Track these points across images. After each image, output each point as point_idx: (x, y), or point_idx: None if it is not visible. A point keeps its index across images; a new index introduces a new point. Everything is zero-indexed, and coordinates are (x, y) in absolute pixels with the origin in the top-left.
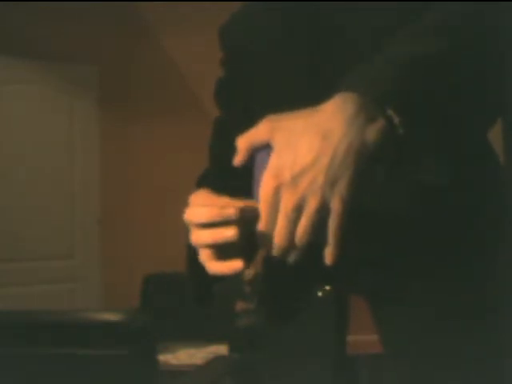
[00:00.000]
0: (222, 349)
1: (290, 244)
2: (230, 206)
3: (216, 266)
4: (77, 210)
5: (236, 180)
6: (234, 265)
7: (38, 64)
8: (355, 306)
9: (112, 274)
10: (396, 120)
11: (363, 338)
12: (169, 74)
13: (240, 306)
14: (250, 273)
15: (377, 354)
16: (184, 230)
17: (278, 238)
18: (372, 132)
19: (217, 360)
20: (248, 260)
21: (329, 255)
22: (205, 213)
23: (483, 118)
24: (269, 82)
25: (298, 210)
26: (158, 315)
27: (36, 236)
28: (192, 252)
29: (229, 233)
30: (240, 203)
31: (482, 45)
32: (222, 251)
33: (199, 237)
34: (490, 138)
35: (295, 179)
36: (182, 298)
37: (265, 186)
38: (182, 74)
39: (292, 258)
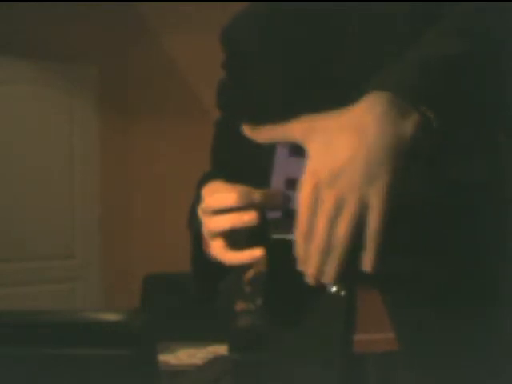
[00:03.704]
0: (221, 349)
1: (330, 246)
2: (253, 192)
3: (233, 256)
4: (77, 210)
5: (239, 182)
6: (254, 253)
7: (38, 64)
8: (362, 304)
9: (112, 274)
10: (430, 114)
11: (371, 337)
12: (169, 74)
13: (240, 305)
14: (250, 272)
15: (386, 352)
16: (185, 229)
17: (318, 238)
18: (407, 127)
19: (217, 360)
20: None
21: (368, 261)
22: (231, 197)
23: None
24: (271, 85)
25: (338, 209)
26: (157, 315)
27: (36, 236)
28: (197, 248)
29: (248, 216)
30: (259, 191)
31: (506, 44)
32: (234, 241)
33: (217, 222)
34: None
35: (334, 178)
36: (182, 298)
37: (304, 186)
38: (182, 74)
39: (331, 261)
